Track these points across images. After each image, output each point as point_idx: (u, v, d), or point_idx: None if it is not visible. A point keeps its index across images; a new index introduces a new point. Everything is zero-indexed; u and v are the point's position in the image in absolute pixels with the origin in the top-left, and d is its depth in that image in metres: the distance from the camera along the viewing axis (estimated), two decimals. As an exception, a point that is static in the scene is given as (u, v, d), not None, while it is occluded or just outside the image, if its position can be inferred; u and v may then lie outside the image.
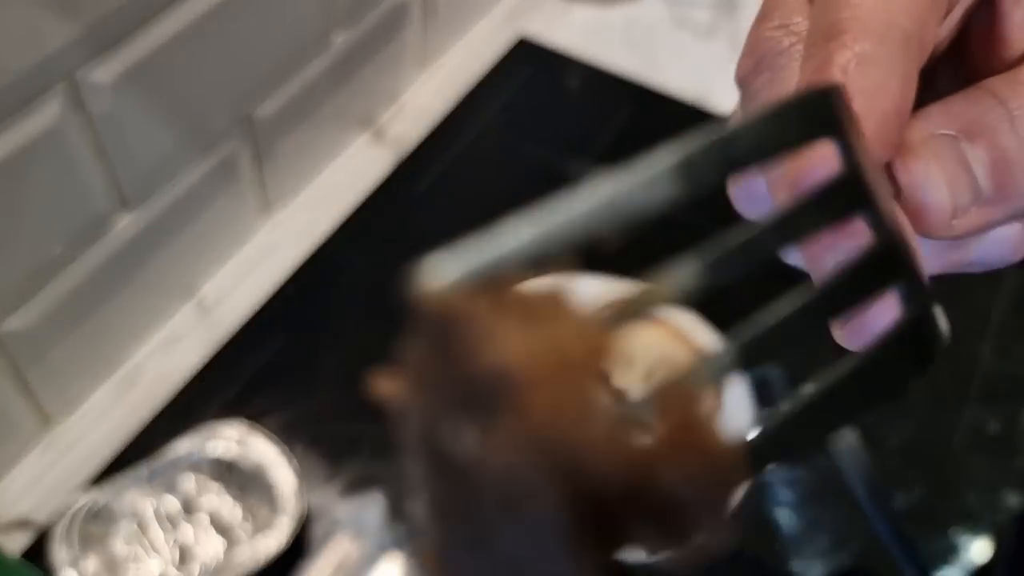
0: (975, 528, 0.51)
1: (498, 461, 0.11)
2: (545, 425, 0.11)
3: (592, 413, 0.11)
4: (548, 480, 0.11)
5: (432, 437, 0.12)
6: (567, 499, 0.11)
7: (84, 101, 0.43)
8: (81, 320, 0.50)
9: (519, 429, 0.11)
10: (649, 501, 0.12)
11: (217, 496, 0.47)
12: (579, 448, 0.11)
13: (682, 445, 0.12)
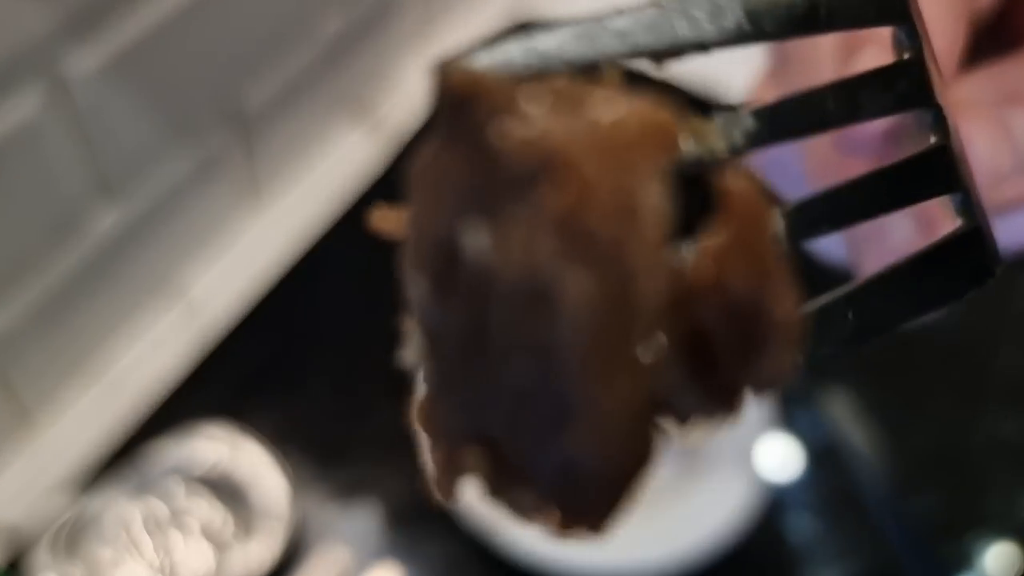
0: (993, 533, 0.50)
1: (518, 263, 0.10)
2: (580, 214, 0.09)
3: (638, 206, 0.09)
4: (574, 285, 0.09)
5: (443, 246, 0.11)
6: (594, 311, 0.09)
7: (65, 90, 0.42)
8: (64, 319, 0.50)
9: (549, 218, 0.09)
10: (694, 326, 0.10)
11: (206, 502, 0.47)
12: (617, 247, 0.09)
13: (739, 260, 0.10)
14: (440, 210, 0.11)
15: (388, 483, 0.50)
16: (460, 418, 0.11)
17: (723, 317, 0.10)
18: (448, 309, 0.11)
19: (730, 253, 0.10)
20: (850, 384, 0.56)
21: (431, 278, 0.11)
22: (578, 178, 0.09)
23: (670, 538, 0.48)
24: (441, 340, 0.11)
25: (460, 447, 0.11)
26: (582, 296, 0.09)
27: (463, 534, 0.48)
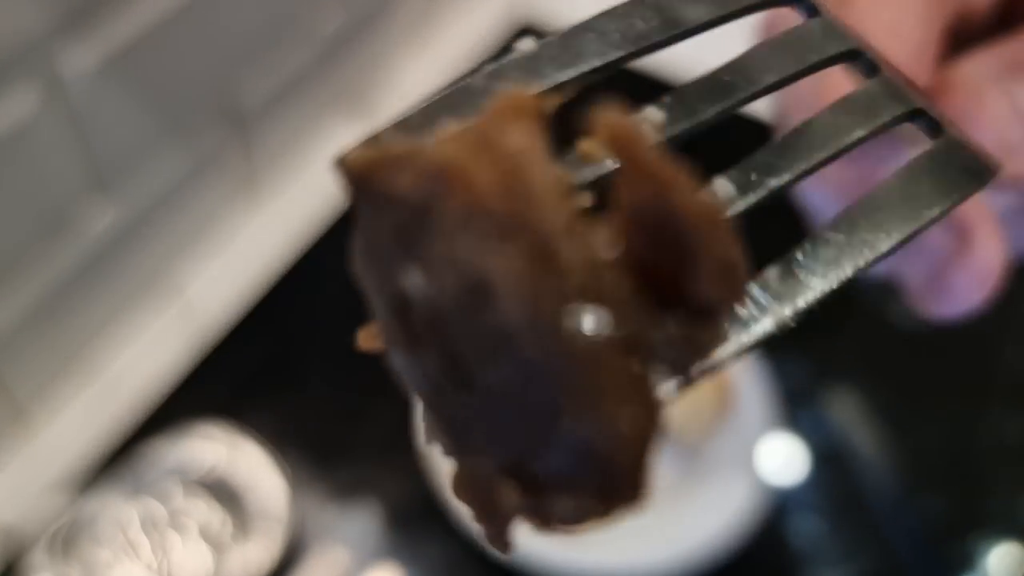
0: (997, 534, 0.50)
1: (450, 277, 0.10)
2: (478, 205, 0.10)
3: (525, 174, 0.10)
4: (497, 264, 0.10)
5: (395, 307, 0.11)
6: (524, 277, 0.10)
7: (61, 88, 0.42)
8: (60, 319, 0.49)
9: (455, 223, 0.10)
10: (633, 264, 0.10)
11: (204, 503, 0.47)
12: (521, 215, 0.10)
13: (633, 180, 0.11)
14: (379, 279, 0.12)
15: (387, 484, 0.50)
16: (480, 462, 0.12)
17: (649, 240, 0.10)
18: (423, 360, 0.11)
19: (623, 178, 0.11)
20: (854, 385, 0.56)
21: (402, 344, 0.12)
22: (462, 175, 0.10)
23: (672, 540, 0.47)
24: (435, 396, 0.12)
25: (493, 492, 0.11)
26: (509, 269, 0.10)
27: (462, 535, 0.48)
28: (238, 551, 0.45)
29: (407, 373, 0.12)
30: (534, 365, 0.10)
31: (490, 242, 0.10)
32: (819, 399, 0.55)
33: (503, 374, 0.10)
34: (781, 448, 0.52)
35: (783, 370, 0.54)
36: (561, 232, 0.10)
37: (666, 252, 0.10)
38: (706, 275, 0.10)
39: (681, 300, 0.11)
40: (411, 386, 0.12)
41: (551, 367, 0.10)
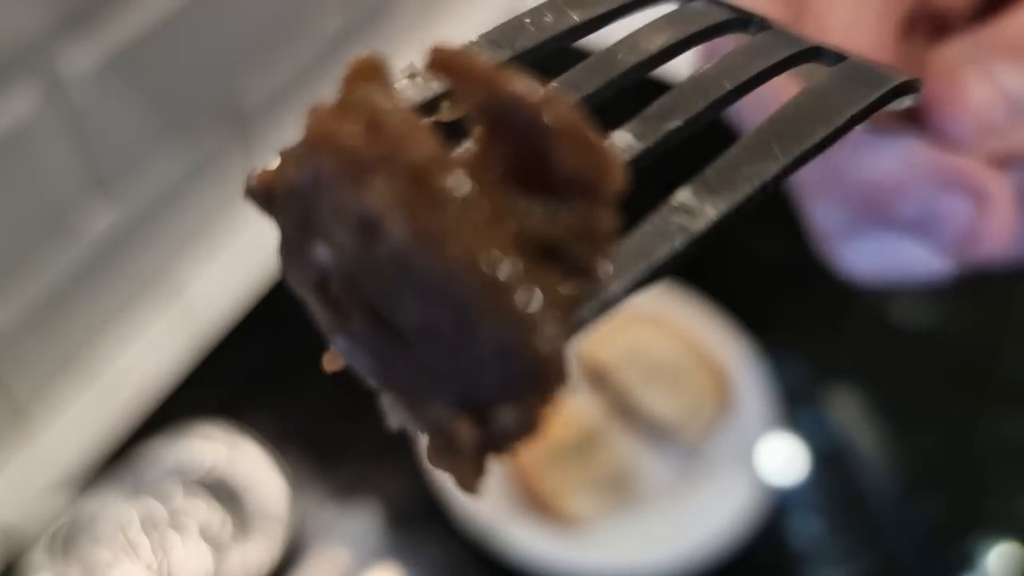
0: (996, 534, 0.50)
1: (344, 231, 0.11)
2: (348, 156, 0.11)
3: (377, 113, 0.11)
4: (372, 195, 0.11)
5: (318, 294, 0.12)
6: (397, 195, 0.10)
7: (60, 88, 0.42)
8: (60, 319, 0.49)
9: (333, 179, 0.11)
10: (505, 168, 0.11)
11: (204, 503, 0.47)
12: (389, 146, 0.11)
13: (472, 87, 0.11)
14: (300, 273, 0.13)
15: (387, 484, 0.50)
16: (435, 411, 0.12)
17: (506, 142, 0.11)
18: (354, 329, 0.12)
19: (459, 90, 0.11)
20: (854, 385, 0.56)
21: (335, 323, 0.12)
22: (328, 137, 0.11)
23: (672, 540, 0.47)
24: (380, 367, 0.12)
25: (453, 435, 0.12)
26: (384, 194, 0.10)
27: (462, 534, 0.47)
28: (238, 551, 0.45)
29: (352, 355, 0.13)
30: (434, 283, 0.10)
31: (365, 181, 0.11)
32: (819, 399, 0.55)
33: (414, 306, 0.11)
34: (781, 448, 0.52)
35: (783, 370, 0.54)
36: (425, 152, 0.11)
37: (524, 148, 0.11)
38: (563, 152, 0.11)
39: (558, 188, 0.11)
40: (361, 369, 0.13)
41: (450, 280, 0.10)
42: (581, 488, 0.47)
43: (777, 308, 0.58)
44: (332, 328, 0.13)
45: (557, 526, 0.47)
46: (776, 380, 0.54)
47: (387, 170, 0.10)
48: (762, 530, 0.48)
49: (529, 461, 0.48)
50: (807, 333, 0.57)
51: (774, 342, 0.55)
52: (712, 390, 0.51)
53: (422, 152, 0.11)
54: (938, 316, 0.57)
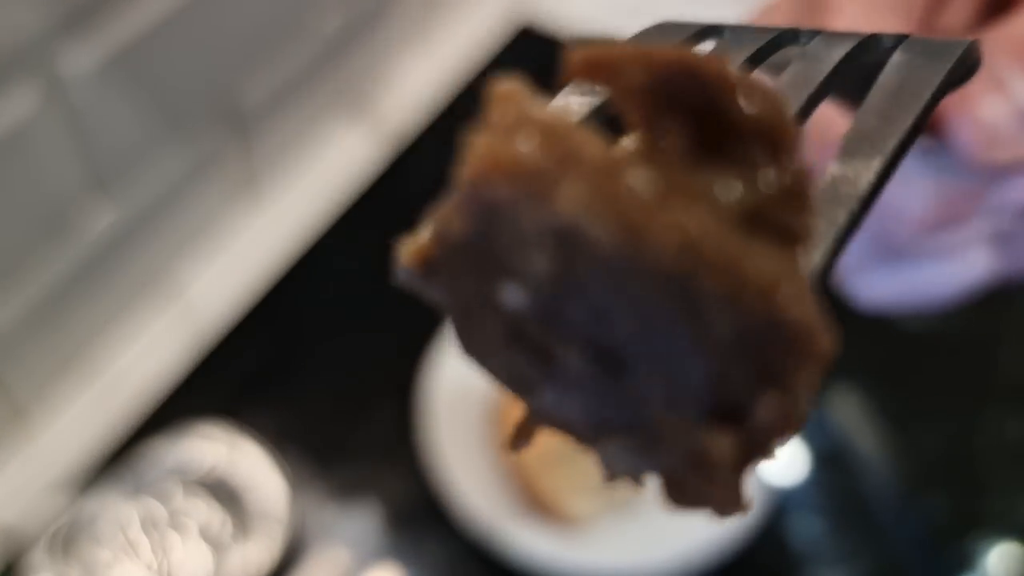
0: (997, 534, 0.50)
1: (534, 247, 0.10)
2: (520, 175, 0.10)
3: (538, 123, 0.10)
4: (564, 201, 0.09)
5: (510, 332, 0.11)
6: (591, 195, 0.09)
7: (60, 88, 0.42)
8: (60, 319, 0.49)
9: (510, 199, 0.10)
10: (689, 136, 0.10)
11: (204, 503, 0.47)
12: (560, 157, 0.10)
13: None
14: (489, 336, 0.11)
15: (387, 484, 0.50)
16: (673, 430, 0.11)
17: (678, 114, 0.10)
18: (566, 374, 0.11)
19: (615, 83, 0.11)
20: (855, 386, 0.56)
21: (542, 373, 0.11)
22: (497, 159, 0.10)
23: (672, 540, 0.47)
24: (596, 406, 0.11)
25: (700, 452, 0.10)
26: (575, 198, 0.09)
27: (462, 534, 0.47)
28: (238, 551, 0.45)
29: (562, 406, 0.11)
30: (651, 280, 0.09)
31: (551, 194, 0.09)
32: (819, 399, 0.55)
33: (631, 318, 0.10)
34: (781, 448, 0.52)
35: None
36: (603, 149, 0.10)
37: (692, 119, 0.10)
38: (737, 103, 0.10)
39: (738, 149, 0.10)
40: (572, 421, 0.11)
41: (668, 270, 0.09)
42: (581, 488, 0.47)
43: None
44: (536, 382, 0.11)
45: (557, 526, 0.47)
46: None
47: (571, 176, 0.09)
48: (762, 530, 0.48)
49: (529, 461, 0.48)
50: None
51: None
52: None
53: (600, 150, 0.10)
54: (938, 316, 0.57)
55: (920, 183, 0.22)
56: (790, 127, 0.10)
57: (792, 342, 0.09)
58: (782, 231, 0.10)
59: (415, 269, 0.11)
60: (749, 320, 0.09)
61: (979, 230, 0.23)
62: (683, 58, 0.10)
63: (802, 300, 0.09)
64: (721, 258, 0.09)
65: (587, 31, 0.72)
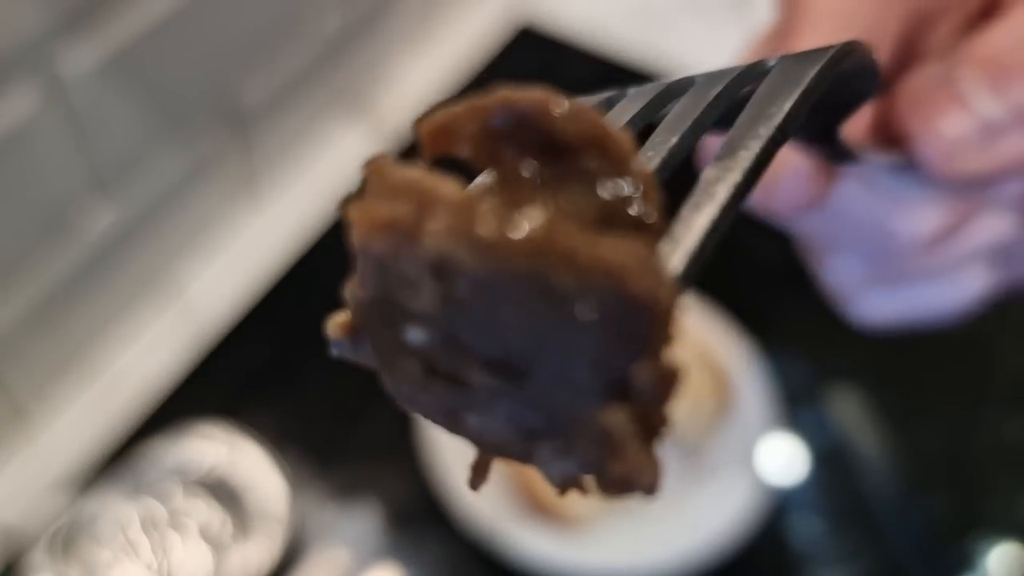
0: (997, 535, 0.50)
1: (422, 286, 0.11)
2: (402, 221, 0.11)
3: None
4: (430, 237, 0.11)
5: (422, 366, 0.12)
6: (453, 223, 0.11)
7: (60, 88, 0.42)
8: (60, 319, 0.49)
9: (390, 249, 0.11)
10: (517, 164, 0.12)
11: (204, 503, 0.47)
12: (421, 198, 0.11)
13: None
14: (400, 375, 0.13)
15: (387, 484, 0.50)
16: (580, 422, 0.12)
17: (514, 149, 0.12)
18: (479, 395, 0.12)
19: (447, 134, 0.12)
20: (855, 386, 0.56)
21: (464, 403, 0.12)
22: (367, 221, 0.11)
23: (671, 541, 0.47)
24: (516, 417, 0.12)
25: (605, 432, 0.11)
26: (437, 232, 0.11)
27: (462, 534, 0.47)
28: (238, 551, 0.45)
29: (490, 428, 0.12)
30: (521, 289, 0.11)
31: (418, 236, 0.11)
32: (819, 399, 0.55)
33: (515, 326, 0.11)
34: (781, 448, 0.52)
35: (783, 370, 0.54)
36: (453, 186, 0.11)
37: (528, 149, 0.12)
38: (560, 124, 0.11)
39: (575, 162, 0.11)
40: (503, 440, 0.12)
41: (532, 274, 0.10)
42: (581, 488, 0.47)
43: (777, 308, 0.58)
44: (460, 411, 0.12)
45: (557, 526, 0.47)
46: (776, 380, 0.54)
47: (432, 216, 0.11)
48: (762, 530, 0.48)
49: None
50: (807, 333, 0.57)
51: (774, 342, 0.55)
52: (712, 390, 0.51)
53: (454, 190, 0.11)
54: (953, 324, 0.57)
55: (909, 202, 0.22)
56: (611, 133, 0.11)
57: (644, 310, 0.10)
58: (636, 225, 0.11)
59: (343, 340, 0.13)
60: (605, 300, 0.10)
61: (975, 246, 0.23)
62: (503, 99, 0.12)
63: (645, 273, 0.10)
64: (566, 252, 0.10)
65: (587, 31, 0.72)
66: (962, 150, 0.20)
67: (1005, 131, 0.20)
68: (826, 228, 0.24)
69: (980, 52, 0.20)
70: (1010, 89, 0.20)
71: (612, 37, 0.72)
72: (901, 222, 0.22)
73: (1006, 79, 0.20)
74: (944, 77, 0.21)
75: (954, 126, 0.20)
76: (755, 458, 0.51)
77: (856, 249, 0.24)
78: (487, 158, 0.12)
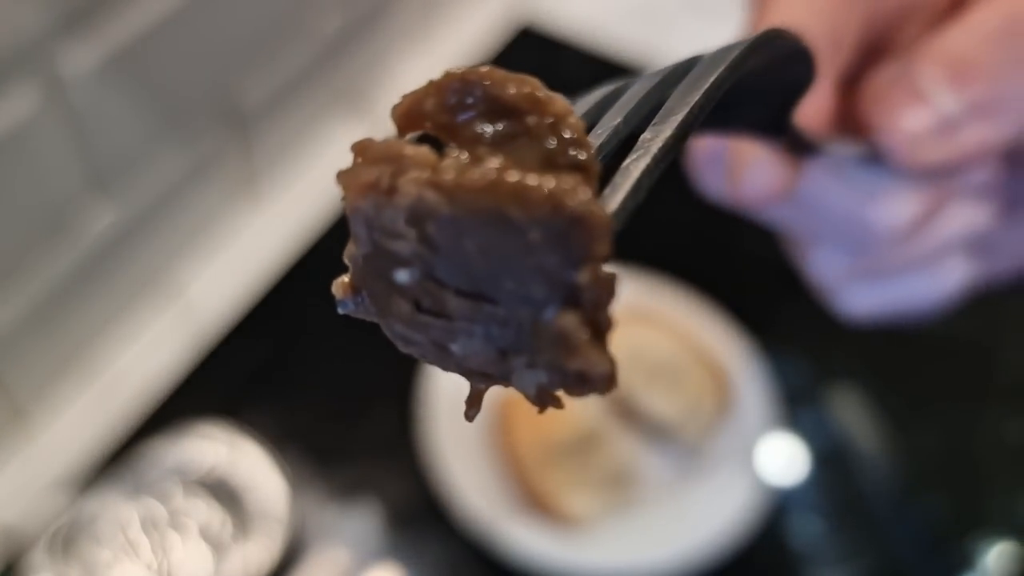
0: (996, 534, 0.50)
1: (404, 228, 0.13)
2: (380, 183, 0.13)
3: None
4: (405, 191, 0.13)
5: (412, 304, 0.14)
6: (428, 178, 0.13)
7: (60, 88, 0.42)
8: (60, 319, 0.49)
9: (369, 208, 0.14)
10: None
11: (204, 503, 0.47)
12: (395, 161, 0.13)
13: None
14: (400, 317, 0.15)
15: (387, 484, 0.50)
16: (542, 327, 0.14)
17: (468, 117, 0.14)
18: (457, 322, 0.14)
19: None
20: (855, 386, 0.56)
21: (447, 333, 0.14)
22: (352, 186, 0.14)
23: (672, 540, 0.47)
24: (492, 338, 0.14)
25: (560, 332, 0.13)
26: (409, 184, 0.13)
27: (462, 534, 0.47)
28: (238, 551, 0.45)
29: (472, 349, 0.14)
30: (482, 222, 0.13)
31: (394, 192, 0.13)
32: (819, 399, 0.55)
33: (479, 257, 0.13)
34: (781, 448, 0.52)
35: (783, 370, 0.54)
36: (419, 148, 0.13)
37: (478, 117, 0.14)
38: (505, 87, 0.14)
39: (522, 115, 0.14)
40: (483, 359, 0.14)
41: (490, 210, 0.13)
42: (581, 488, 0.47)
43: (777, 308, 0.58)
44: (445, 340, 0.14)
45: (557, 526, 0.47)
46: (776, 380, 0.54)
47: (407, 172, 0.13)
48: (762, 530, 0.48)
49: (529, 461, 0.48)
50: (807, 333, 0.57)
51: (774, 342, 0.55)
52: (712, 390, 0.51)
53: (424, 152, 0.13)
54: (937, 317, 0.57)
55: (881, 192, 0.22)
56: (546, 95, 0.14)
57: (579, 224, 0.13)
58: (573, 166, 0.13)
59: (347, 297, 0.15)
60: (548, 222, 0.13)
61: (951, 235, 0.24)
62: (453, 75, 0.14)
63: (577, 194, 0.13)
64: (514, 188, 0.13)
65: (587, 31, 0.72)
66: (922, 142, 0.21)
67: (963, 124, 0.21)
68: (803, 220, 0.25)
69: (939, 48, 0.21)
70: (968, 85, 0.21)
71: (612, 37, 0.72)
72: (875, 212, 0.23)
73: (964, 75, 0.21)
74: (904, 72, 0.21)
75: (914, 120, 0.21)
76: (755, 458, 0.51)
77: (835, 241, 0.25)
78: (448, 128, 0.14)
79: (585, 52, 0.71)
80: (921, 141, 0.21)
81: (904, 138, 0.21)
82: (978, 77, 0.21)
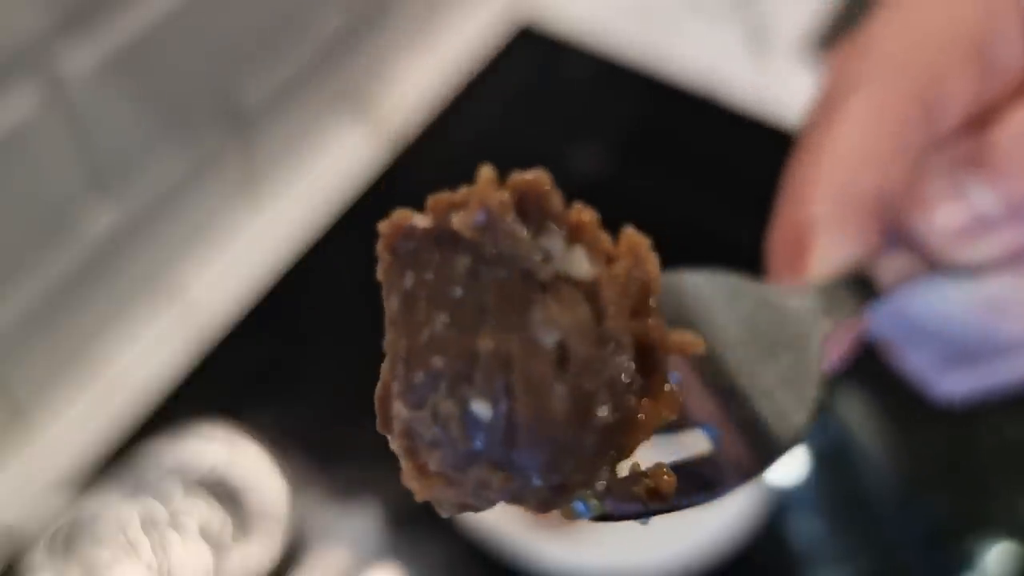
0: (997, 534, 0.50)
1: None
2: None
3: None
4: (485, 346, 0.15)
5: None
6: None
7: (60, 88, 0.42)
8: (60, 319, 0.49)
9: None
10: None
11: (204, 503, 0.47)
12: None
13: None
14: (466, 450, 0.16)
15: (387, 484, 0.50)
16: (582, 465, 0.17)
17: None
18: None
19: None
20: (855, 386, 0.56)
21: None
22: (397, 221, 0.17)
23: (671, 540, 0.47)
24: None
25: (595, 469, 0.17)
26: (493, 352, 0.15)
27: (463, 535, 0.47)
28: (238, 551, 0.45)
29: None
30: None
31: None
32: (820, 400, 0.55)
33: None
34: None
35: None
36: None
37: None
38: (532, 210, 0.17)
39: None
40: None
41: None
42: (581, 488, 0.47)
43: (777, 308, 0.58)
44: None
45: (557, 526, 0.47)
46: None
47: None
48: (762, 530, 0.48)
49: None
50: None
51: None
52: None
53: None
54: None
55: (954, 293, 0.23)
56: (549, 192, 0.16)
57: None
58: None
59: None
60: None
61: None
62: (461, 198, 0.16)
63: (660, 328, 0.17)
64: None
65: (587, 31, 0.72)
66: (960, 238, 0.22)
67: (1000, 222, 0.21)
68: (900, 332, 0.25)
69: (982, 152, 0.22)
70: (1003, 184, 0.21)
71: (613, 37, 0.72)
72: (955, 310, 0.23)
73: (998, 172, 0.21)
74: (945, 170, 0.22)
75: (949, 218, 0.22)
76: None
77: (930, 345, 0.26)
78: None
79: (585, 52, 0.71)
80: (956, 238, 0.21)
81: (939, 235, 0.22)
82: (1013, 174, 0.21)
